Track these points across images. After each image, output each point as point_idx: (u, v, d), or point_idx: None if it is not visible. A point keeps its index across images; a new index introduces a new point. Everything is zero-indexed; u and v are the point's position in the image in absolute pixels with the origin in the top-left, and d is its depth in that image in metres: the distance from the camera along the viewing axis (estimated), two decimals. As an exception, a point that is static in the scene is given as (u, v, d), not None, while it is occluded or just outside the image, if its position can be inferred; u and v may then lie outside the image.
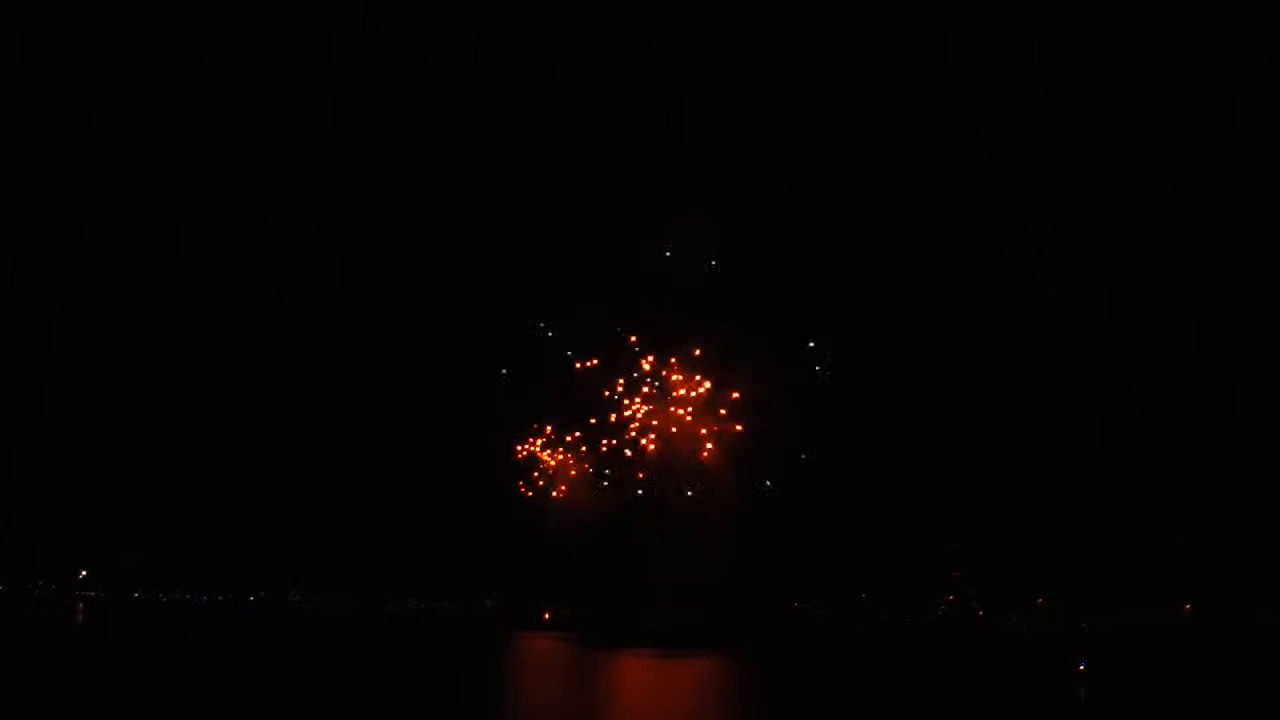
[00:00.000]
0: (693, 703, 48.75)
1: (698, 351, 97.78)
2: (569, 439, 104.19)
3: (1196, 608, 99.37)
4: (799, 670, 67.91)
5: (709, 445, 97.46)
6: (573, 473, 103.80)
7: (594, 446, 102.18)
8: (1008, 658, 79.59)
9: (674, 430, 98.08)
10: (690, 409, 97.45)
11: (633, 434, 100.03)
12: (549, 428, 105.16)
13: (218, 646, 69.53)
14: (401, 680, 50.33)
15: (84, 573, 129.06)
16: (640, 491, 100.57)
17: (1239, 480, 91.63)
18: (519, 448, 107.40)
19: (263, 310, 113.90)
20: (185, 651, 64.04)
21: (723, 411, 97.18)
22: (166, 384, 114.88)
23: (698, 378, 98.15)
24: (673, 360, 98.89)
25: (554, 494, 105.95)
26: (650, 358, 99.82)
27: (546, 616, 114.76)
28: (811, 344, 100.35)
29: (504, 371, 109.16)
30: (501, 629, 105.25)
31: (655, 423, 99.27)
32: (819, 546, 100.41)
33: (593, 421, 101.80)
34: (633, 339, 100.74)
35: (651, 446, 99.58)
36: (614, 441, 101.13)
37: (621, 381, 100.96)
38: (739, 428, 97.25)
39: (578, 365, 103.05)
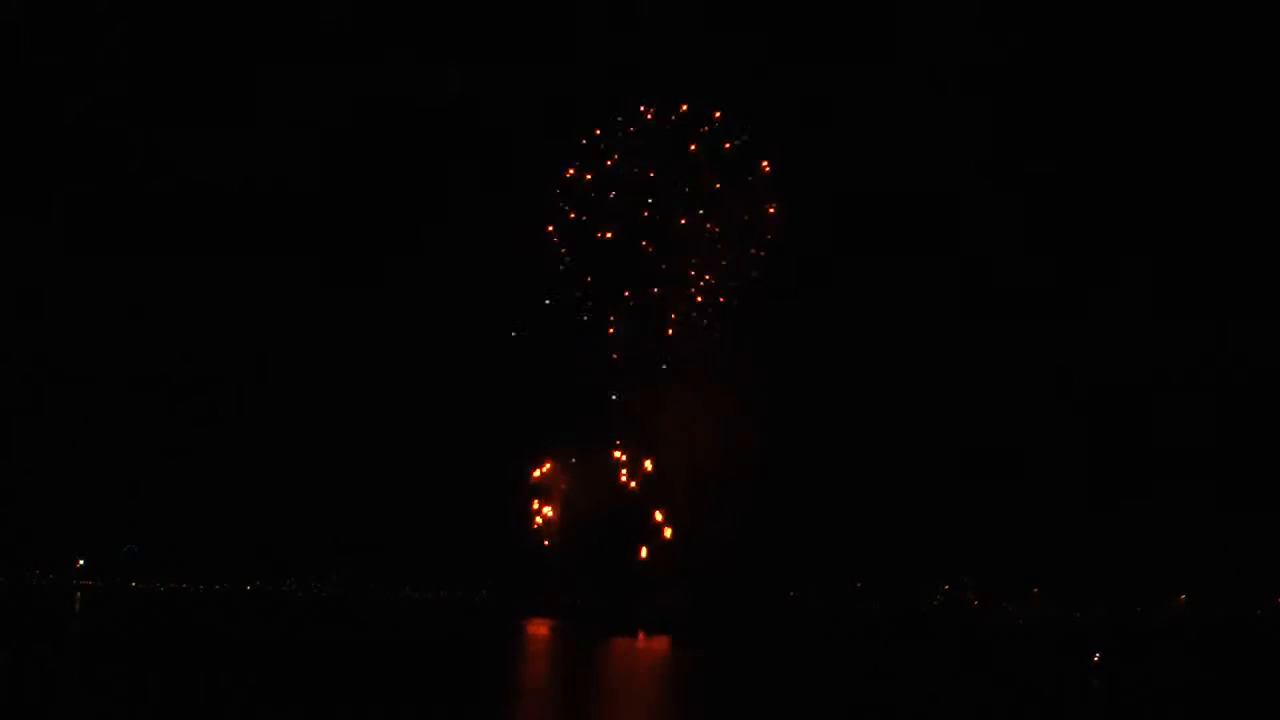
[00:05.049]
0: (687, 694, 49.02)
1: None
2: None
3: (1191, 598, 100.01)
4: (794, 662, 68.16)
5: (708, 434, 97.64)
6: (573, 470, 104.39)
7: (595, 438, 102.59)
8: (1007, 649, 79.94)
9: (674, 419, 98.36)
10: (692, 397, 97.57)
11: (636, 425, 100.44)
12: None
13: (218, 637, 69.68)
14: (401, 672, 50.51)
15: (81, 562, 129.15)
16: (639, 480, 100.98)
17: (1234, 473, 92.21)
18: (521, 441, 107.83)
19: (261, 300, 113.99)
20: (188, 643, 64.14)
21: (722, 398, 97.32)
22: (171, 377, 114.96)
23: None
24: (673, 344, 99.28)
25: (552, 483, 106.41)
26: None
27: (544, 606, 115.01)
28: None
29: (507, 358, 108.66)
30: (498, 619, 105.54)
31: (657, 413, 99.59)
32: (814, 535, 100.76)
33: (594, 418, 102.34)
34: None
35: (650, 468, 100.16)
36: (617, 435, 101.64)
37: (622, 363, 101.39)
38: (735, 416, 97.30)
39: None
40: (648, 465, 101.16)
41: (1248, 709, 45.71)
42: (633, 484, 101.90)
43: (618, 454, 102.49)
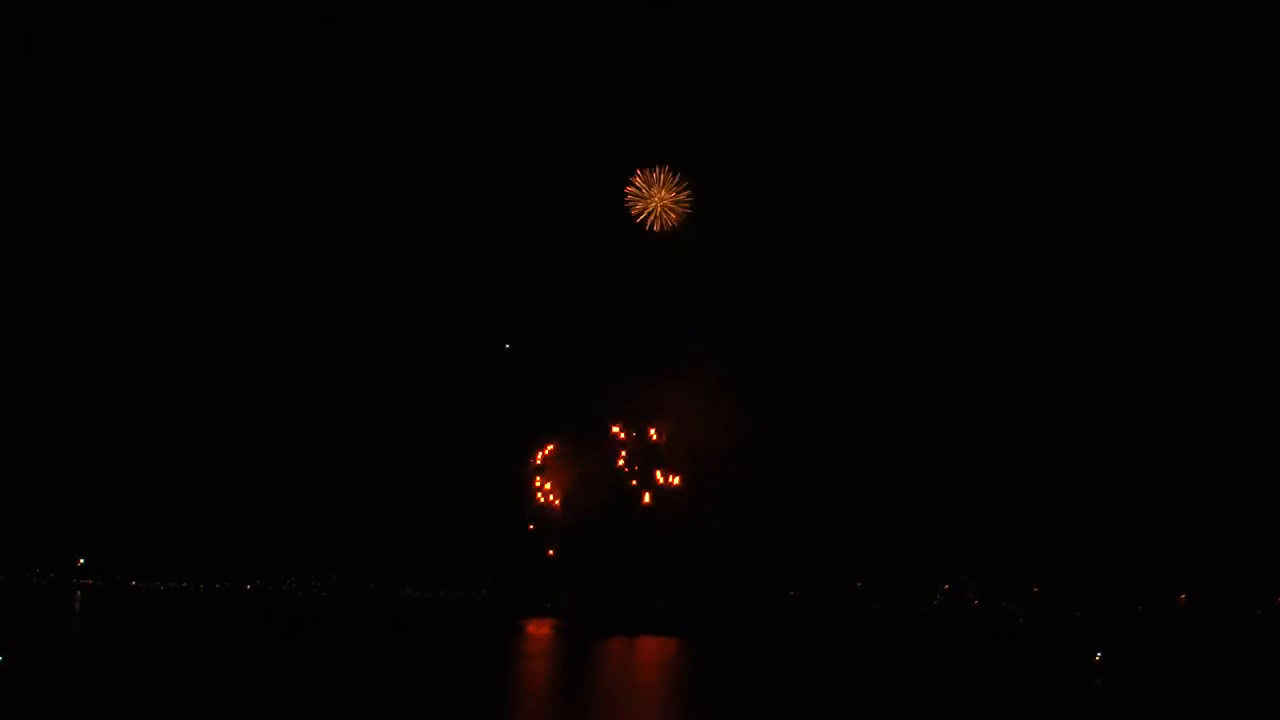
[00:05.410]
0: (689, 694, 49.04)
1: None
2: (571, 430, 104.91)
3: (1189, 597, 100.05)
4: (794, 662, 68.15)
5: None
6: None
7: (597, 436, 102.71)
8: (1008, 648, 79.93)
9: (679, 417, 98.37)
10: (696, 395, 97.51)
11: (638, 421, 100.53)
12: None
13: (218, 637, 69.67)
14: (401, 671, 50.50)
15: (81, 561, 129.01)
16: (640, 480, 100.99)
17: (1233, 473, 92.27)
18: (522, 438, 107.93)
19: (261, 301, 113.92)
20: (188, 642, 64.17)
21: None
22: (169, 377, 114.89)
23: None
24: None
25: (554, 484, 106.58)
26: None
27: (544, 606, 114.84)
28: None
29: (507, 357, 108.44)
30: (498, 619, 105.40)
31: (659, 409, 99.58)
32: (814, 535, 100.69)
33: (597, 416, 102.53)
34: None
35: (655, 436, 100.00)
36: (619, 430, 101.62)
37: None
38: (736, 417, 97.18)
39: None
40: (653, 433, 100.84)
41: (1248, 709, 45.71)
42: (635, 466, 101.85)
43: (616, 428, 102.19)
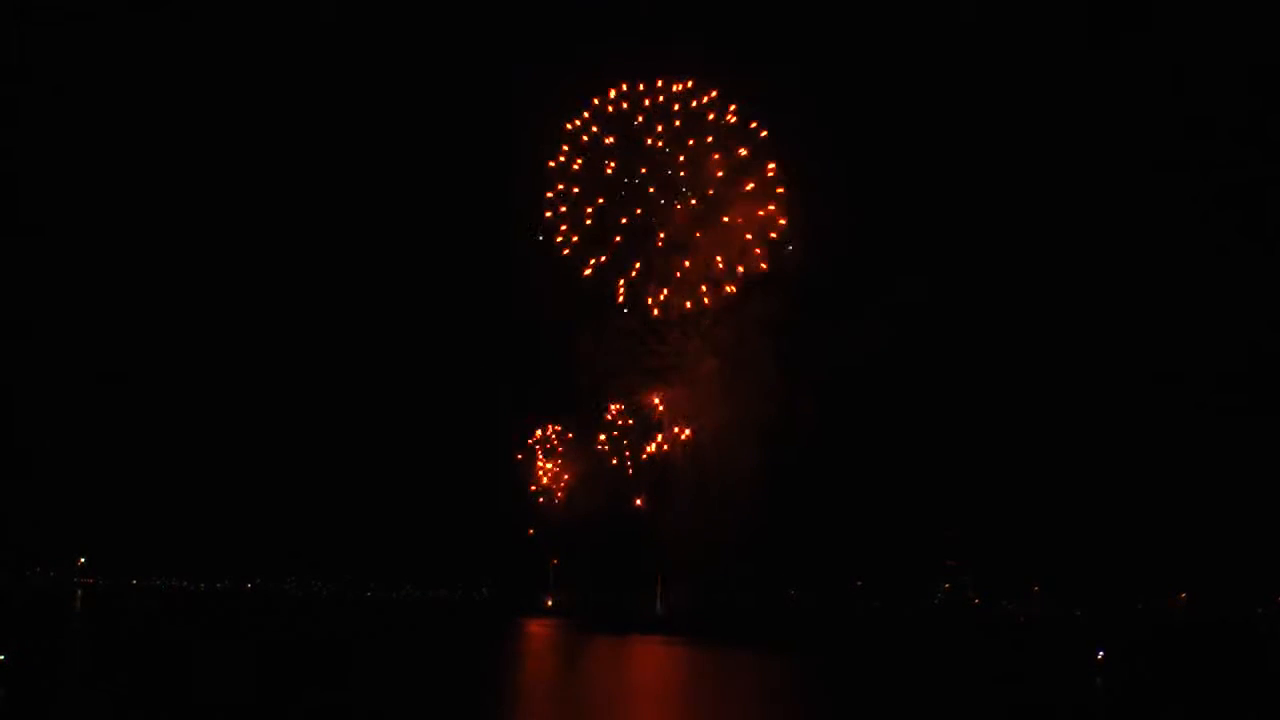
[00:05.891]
0: (692, 694, 49.12)
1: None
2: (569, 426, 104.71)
3: (1189, 597, 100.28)
4: (796, 660, 68.27)
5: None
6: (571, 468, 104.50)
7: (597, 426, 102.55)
8: (1008, 647, 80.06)
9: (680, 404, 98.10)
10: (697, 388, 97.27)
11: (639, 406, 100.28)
12: (551, 428, 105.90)
13: (218, 635, 69.77)
14: (401, 670, 50.55)
15: (82, 560, 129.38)
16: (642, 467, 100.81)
17: (1232, 473, 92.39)
18: (520, 435, 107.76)
19: (260, 304, 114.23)
20: (188, 641, 64.24)
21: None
22: (169, 378, 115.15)
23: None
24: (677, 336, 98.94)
25: (554, 482, 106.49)
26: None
27: (544, 606, 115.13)
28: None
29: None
30: (499, 617, 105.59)
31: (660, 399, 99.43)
32: (814, 535, 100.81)
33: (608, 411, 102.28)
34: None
35: (660, 407, 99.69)
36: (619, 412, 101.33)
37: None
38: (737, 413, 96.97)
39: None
40: (657, 402, 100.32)
41: (1248, 709, 45.77)
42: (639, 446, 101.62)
43: (615, 406, 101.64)
